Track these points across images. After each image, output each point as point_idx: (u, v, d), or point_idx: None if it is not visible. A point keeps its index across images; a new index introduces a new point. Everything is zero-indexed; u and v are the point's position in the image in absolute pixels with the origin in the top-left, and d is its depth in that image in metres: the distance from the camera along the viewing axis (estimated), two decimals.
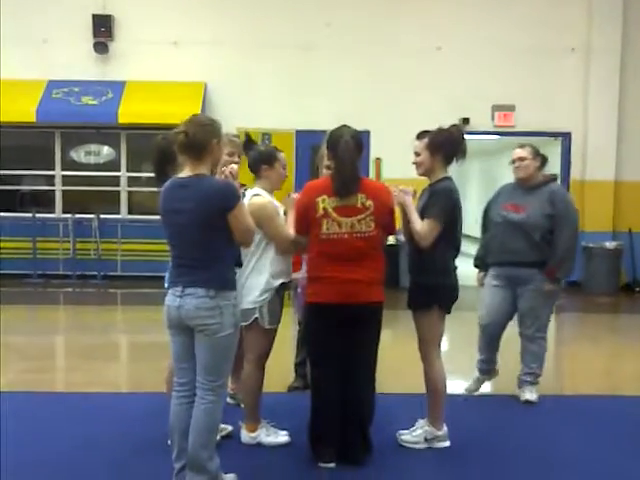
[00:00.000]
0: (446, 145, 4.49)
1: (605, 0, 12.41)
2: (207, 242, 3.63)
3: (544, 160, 5.66)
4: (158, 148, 4.30)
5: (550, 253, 5.46)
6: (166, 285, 3.94)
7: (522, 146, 5.66)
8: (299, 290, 5.27)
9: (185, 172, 3.70)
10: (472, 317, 5.99)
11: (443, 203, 4.38)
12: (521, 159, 5.60)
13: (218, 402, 3.71)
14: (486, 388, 6.01)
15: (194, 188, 3.62)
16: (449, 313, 4.58)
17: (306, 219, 4.19)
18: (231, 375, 4.74)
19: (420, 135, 4.63)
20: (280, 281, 4.45)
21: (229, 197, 3.62)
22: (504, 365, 5.98)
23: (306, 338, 4.64)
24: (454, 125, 4.62)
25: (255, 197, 4.39)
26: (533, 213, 5.47)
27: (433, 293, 4.46)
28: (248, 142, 4.74)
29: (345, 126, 4.27)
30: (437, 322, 4.52)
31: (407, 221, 4.46)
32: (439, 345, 4.59)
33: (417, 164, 4.61)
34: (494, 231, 5.65)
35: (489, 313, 5.70)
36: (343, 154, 4.12)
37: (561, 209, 5.49)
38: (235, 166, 4.41)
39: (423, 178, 4.66)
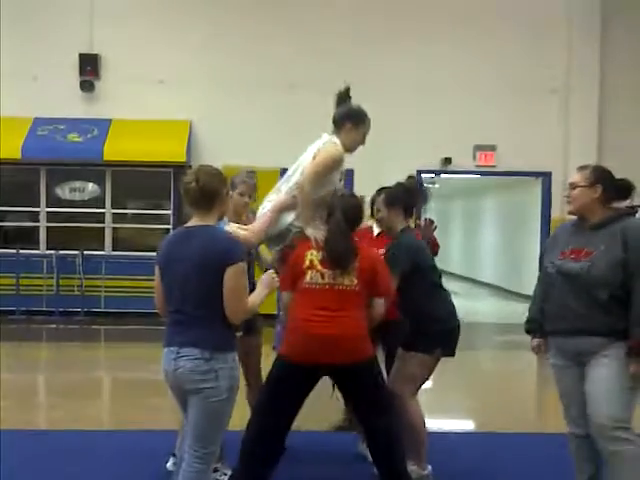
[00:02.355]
0: (402, 198, 4.63)
1: (583, 42, 12.71)
2: (206, 296, 3.46)
3: (617, 187, 3.94)
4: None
5: (625, 317, 3.78)
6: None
7: (582, 168, 4.00)
8: (279, 328, 5.20)
9: (192, 222, 3.60)
10: (461, 356, 5.91)
11: (397, 254, 4.46)
12: (572, 186, 3.97)
13: (205, 472, 3.51)
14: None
15: (200, 238, 3.51)
16: (452, 356, 4.56)
17: (293, 274, 4.15)
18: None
19: (378, 192, 4.83)
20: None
21: (233, 251, 3.48)
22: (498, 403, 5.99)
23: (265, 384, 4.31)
24: (410, 177, 4.83)
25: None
26: (597, 261, 3.82)
27: (434, 339, 4.46)
28: None
29: (338, 195, 4.22)
30: (431, 367, 4.52)
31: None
32: (417, 387, 4.55)
33: (379, 221, 4.80)
34: (548, 287, 4.07)
35: (570, 415, 4.07)
36: (334, 232, 4.08)
37: (636, 252, 3.79)
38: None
39: None
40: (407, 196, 4.65)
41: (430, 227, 5.66)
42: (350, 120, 4.44)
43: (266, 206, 4.40)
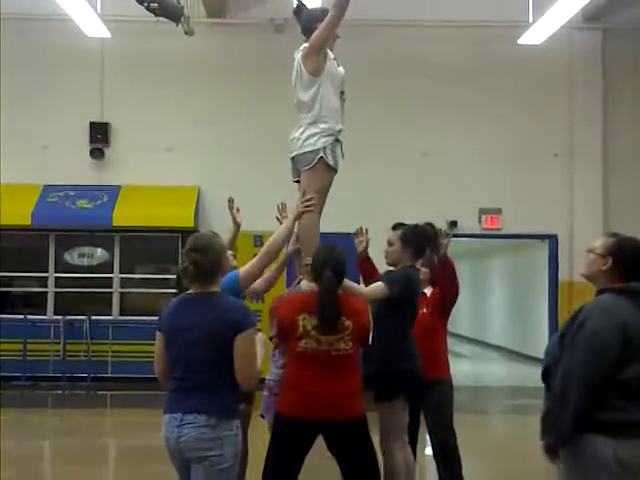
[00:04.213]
0: (418, 240, 4.71)
1: (585, 107, 12.87)
2: (213, 363, 3.44)
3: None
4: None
5: None
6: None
7: (608, 235, 3.68)
8: (265, 393, 5.10)
9: (195, 288, 3.58)
10: (464, 418, 5.92)
11: (397, 278, 4.54)
12: (589, 250, 3.66)
13: None
14: None
15: (207, 305, 3.50)
16: (416, 403, 4.59)
17: (286, 334, 4.19)
18: None
19: (395, 226, 4.91)
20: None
21: (243, 318, 3.47)
22: None
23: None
24: (429, 223, 4.87)
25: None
26: None
27: (394, 381, 4.49)
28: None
29: (328, 250, 4.22)
30: (399, 412, 4.53)
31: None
32: (402, 436, 4.56)
33: (387, 253, 4.83)
34: None
35: None
36: (324, 293, 4.08)
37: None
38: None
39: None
40: (422, 239, 4.76)
41: (444, 240, 5.29)
42: (317, 20, 4.47)
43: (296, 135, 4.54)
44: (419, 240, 4.75)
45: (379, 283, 4.52)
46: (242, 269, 4.22)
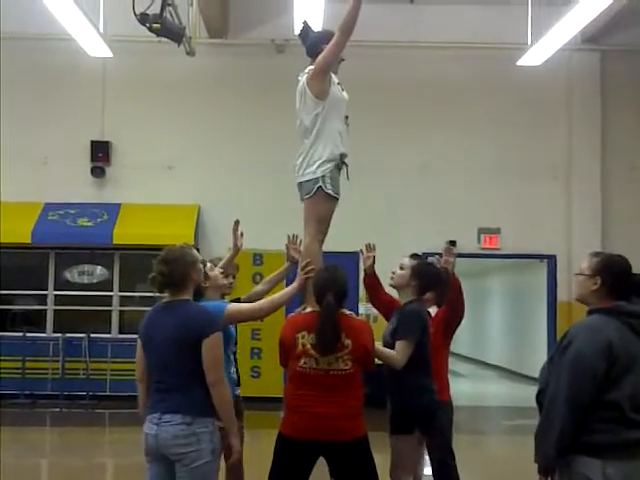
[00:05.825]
0: (428, 279, 4.70)
1: (584, 127, 12.95)
2: (184, 366, 3.67)
3: (627, 282, 3.56)
4: None
5: None
6: None
7: (593, 255, 3.63)
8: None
9: (168, 297, 3.83)
10: (462, 439, 5.91)
11: (413, 323, 4.49)
12: (578, 272, 3.70)
13: None
14: None
15: (175, 312, 3.74)
16: (429, 435, 4.57)
17: (286, 354, 4.19)
18: None
19: (412, 256, 4.88)
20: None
21: (208, 324, 3.70)
22: None
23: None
24: (446, 269, 4.89)
25: None
26: None
27: (413, 416, 4.47)
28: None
29: (330, 271, 4.23)
30: (416, 446, 4.54)
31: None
32: (413, 470, 4.57)
33: (395, 275, 4.79)
34: None
35: None
36: (325, 315, 4.08)
37: None
38: None
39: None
40: (431, 279, 4.74)
41: (450, 257, 5.20)
42: (323, 42, 4.47)
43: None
44: (429, 279, 4.71)
45: (401, 342, 4.43)
46: (234, 307, 4.33)
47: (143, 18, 8.08)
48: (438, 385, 5.03)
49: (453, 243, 12.51)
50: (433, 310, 5.36)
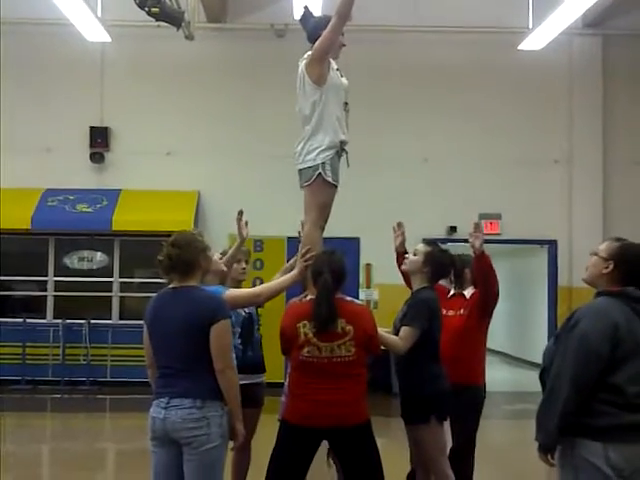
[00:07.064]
0: (441, 267, 4.66)
1: (585, 113, 12.91)
2: (192, 352, 3.65)
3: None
4: None
5: None
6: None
7: (613, 240, 3.64)
8: (283, 398, 5.17)
9: (175, 283, 3.80)
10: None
11: (421, 310, 4.45)
12: (592, 253, 3.67)
13: None
14: None
15: (183, 298, 3.71)
16: (445, 420, 4.54)
17: (288, 344, 4.17)
18: None
19: (428, 243, 4.74)
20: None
21: (217, 310, 3.68)
22: None
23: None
24: (460, 255, 4.90)
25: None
26: None
27: (428, 404, 4.44)
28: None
29: (328, 253, 4.24)
30: (440, 433, 4.51)
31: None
32: (446, 455, 4.56)
33: (408, 260, 4.71)
34: None
35: None
36: (321, 293, 4.08)
37: None
38: None
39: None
40: (445, 267, 4.72)
41: (478, 232, 4.88)
42: (322, 28, 4.42)
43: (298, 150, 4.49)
44: (442, 267, 4.67)
45: (406, 329, 4.41)
46: (231, 292, 4.30)
47: (142, 2, 8.04)
48: (472, 369, 4.95)
49: (454, 229, 12.52)
50: (468, 292, 5.23)
